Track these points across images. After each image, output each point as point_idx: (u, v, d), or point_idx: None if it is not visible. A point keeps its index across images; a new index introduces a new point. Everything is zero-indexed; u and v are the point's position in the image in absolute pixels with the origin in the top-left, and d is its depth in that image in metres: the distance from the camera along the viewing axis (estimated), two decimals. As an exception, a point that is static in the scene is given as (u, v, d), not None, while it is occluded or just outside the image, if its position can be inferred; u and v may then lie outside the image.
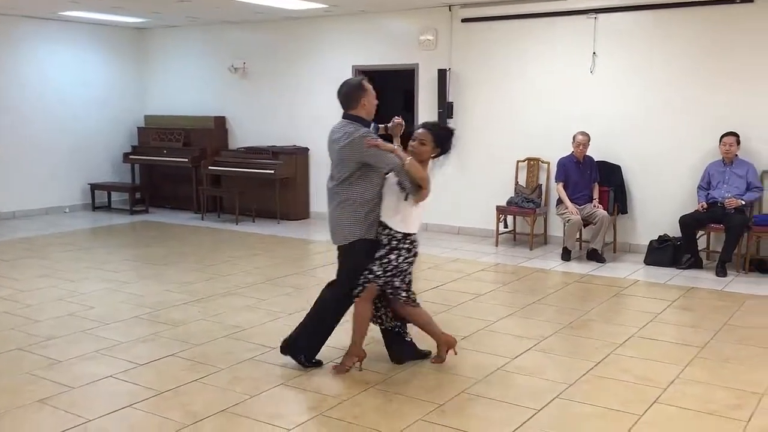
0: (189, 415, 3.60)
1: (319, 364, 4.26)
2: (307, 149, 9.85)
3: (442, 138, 4.12)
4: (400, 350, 4.34)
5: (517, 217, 8.29)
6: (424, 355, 4.38)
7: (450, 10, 8.56)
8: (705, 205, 6.91)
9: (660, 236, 7.28)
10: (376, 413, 3.64)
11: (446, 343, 4.31)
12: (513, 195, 8.18)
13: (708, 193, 6.97)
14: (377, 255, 4.05)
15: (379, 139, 4.04)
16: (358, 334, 4.16)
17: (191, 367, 4.27)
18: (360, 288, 4.07)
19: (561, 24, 7.93)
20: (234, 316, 5.33)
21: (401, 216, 4.05)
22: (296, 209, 9.81)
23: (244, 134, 10.52)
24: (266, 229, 9.15)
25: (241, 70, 10.36)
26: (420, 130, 4.12)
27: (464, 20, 8.51)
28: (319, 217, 9.73)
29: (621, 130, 7.69)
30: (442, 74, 8.63)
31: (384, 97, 11.84)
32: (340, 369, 4.17)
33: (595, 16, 7.69)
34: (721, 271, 6.65)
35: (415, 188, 3.96)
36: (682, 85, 7.32)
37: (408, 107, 9.32)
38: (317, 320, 4.24)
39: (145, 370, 4.24)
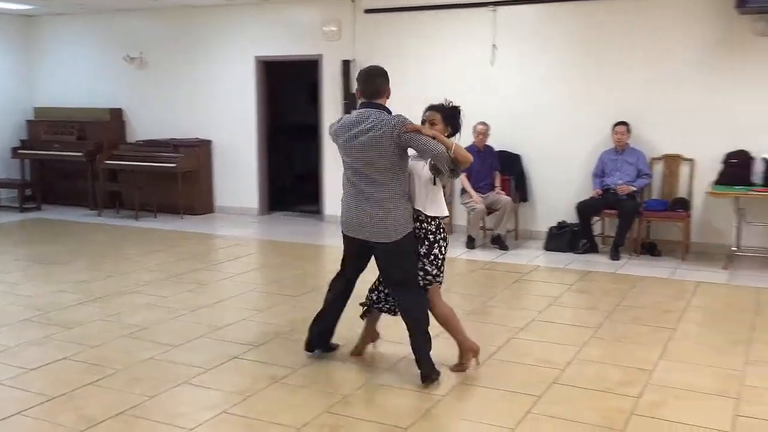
0: (83, 420, 3.44)
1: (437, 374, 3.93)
2: (209, 141, 9.60)
3: (449, 116, 3.95)
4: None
5: (422, 207, 8.37)
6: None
7: (353, 0, 8.54)
8: (599, 192, 7.20)
9: (558, 223, 7.54)
10: (281, 408, 3.60)
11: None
12: (418, 185, 8.26)
13: (602, 180, 7.27)
14: (423, 253, 3.90)
15: (417, 123, 3.88)
16: (457, 331, 4.06)
17: (86, 369, 4.09)
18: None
19: (462, 16, 8.05)
20: (133, 315, 5.14)
21: (435, 201, 3.91)
22: (200, 203, 9.55)
23: (142, 127, 10.14)
24: (169, 224, 8.88)
25: (138, 60, 9.99)
26: (427, 112, 3.99)
27: (367, 11, 8.51)
28: (224, 211, 9.53)
29: (520, 120, 7.89)
30: (346, 65, 8.61)
31: (289, 88, 11.80)
32: (461, 368, 4.04)
33: (494, 9, 7.85)
34: (615, 255, 6.96)
35: (449, 171, 3.80)
36: (576, 77, 7.58)
37: (313, 99, 9.26)
38: (423, 332, 3.95)
39: (36, 374, 4.03)
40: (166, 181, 9.38)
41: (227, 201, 9.64)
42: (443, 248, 3.97)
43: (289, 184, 10.99)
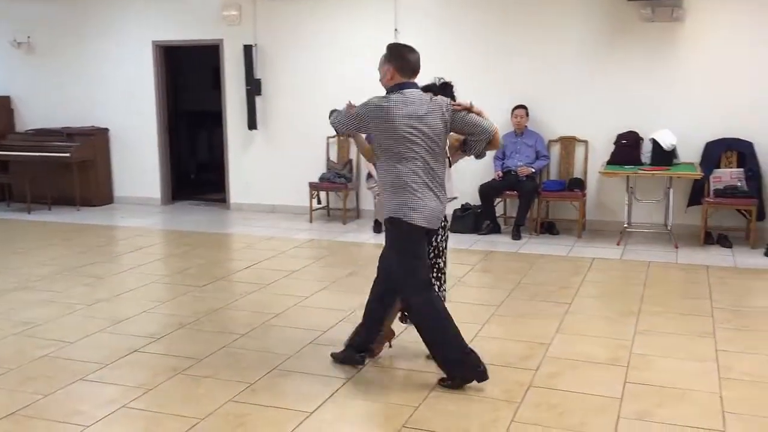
0: (-30, 424, 3.26)
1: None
2: (106, 130, 9.22)
3: (443, 95, 3.78)
4: None
5: (330, 192, 8.38)
6: None
7: (253, -16, 8.40)
8: (501, 174, 7.40)
9: (462, 205, 7.70)
10: (183, 400, 3.53)
11: (387, 336, 4.04)
12: (325, 171, 8.25)
13: (503, 163, 7.47)
14: (442, 247, 3.85)
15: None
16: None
17: (-27, 371, 3.87)
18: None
19: (364, 1, 8.06)
20: (24, 311, 4.90)
21: (451, 182, 3.85)
22: (98, 194, 9.17)
23: (33, 115, 9.62)
24: (64, 216, 8.49)
25: (26, 45, 9.46)
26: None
27: (268, -5, 8.39)
28: (124, 201, 9.20)
29: (424, 104, 7.98)
30: (248, 50, 8.45)
31: (190, 74, 11.46)
32: (372, 353, 3.97)
33: (396, -7, 7.91)
34: (516, 235, 7.17)
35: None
36: (477, 61, 7.72)
37: (216, 85, 9.05)
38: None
39: None
40: (61, 172, 8.95)
41: (127, 191, 9.31)
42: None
43: (193, 173, 10.75)
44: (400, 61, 3.65)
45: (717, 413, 3.32)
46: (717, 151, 6.93)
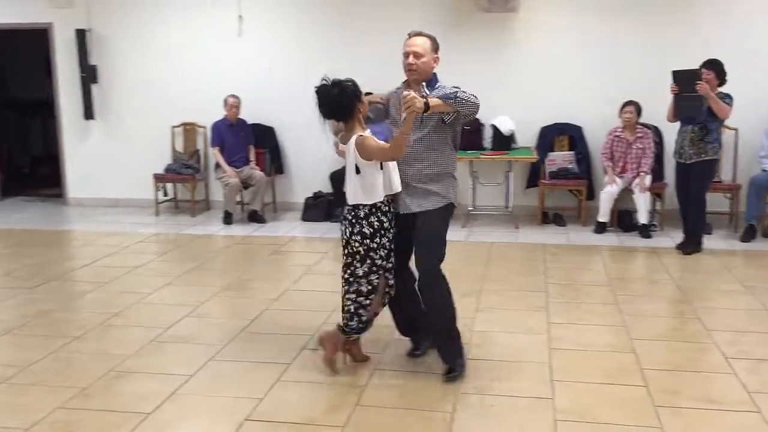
0: None
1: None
2: None
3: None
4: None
5: (177, 184, 8.07)
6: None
7: (84, -36, 7.89)
8: (351, 162, 7.44)
9: (315, 193, 7.69)
10: (6, 410, 3.26)
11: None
12: (171, 162, 7.93)
13: (353, 150, 7.52)
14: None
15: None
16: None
17: None
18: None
19: (205, -15, 7.83)
20: None
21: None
22: None
23: None
24: None
25: None
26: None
27: (102, -24, 7.92)
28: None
29: (272, 92, 7.87)
30: (80, 35, 7.94)
31: (16, 61, 10.65)
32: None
33: (238, -22, 7.72)
34: (367, 221, 7.25)
35: None
36: (325, 47, 7.69)
37: (47, 72, 8.43)
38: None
39: None
40: None
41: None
42: None
43: (26, 167, 10.01)
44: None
45: (547, 382, 3.52)
46: (550, 136, 7.36)
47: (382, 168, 3.45)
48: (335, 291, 4.98)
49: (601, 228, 6.79)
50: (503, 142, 7.21)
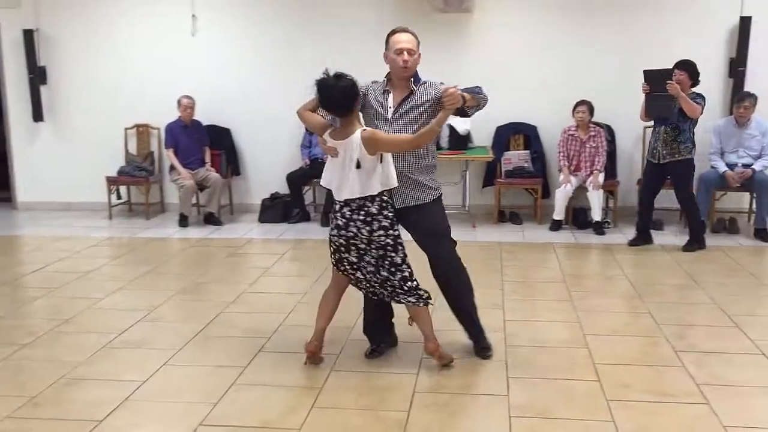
0: None
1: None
2: None
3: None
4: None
5: (131, 186, 7.94)
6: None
7: (31, -38, 7.71)
8: (308, 162, 7.42)
9: (272, 194, 7.64)
10: (-50, 422, 3.17)
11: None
12: (124, 164, 7.80)
13: (310, 151, 7.49)
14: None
15: None
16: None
17: None
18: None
19: (157, -16, 7.71)
20: None
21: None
22: None
23: None
24: None
25: None
26: None
27: (50, -25, 7.74)
28: None
29: (228, 92, 7.79)
30: (28, 35, 7.75)
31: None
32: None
33: (190, -22, 7.62)
34: (325, 222, 7.23)
35: None
36: (280, 47, 7.65)
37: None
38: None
39: None
40: None
41: None
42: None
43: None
44: None
45: (502, 378, 3.56)
46: (506, 135, 7.44)
47: (381, 161, 3.44)
48: (292, 292, 5.02)
49: (556, 226, 6.90)
50: (459, 141, 7.26)
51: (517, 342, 4.05)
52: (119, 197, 7.89)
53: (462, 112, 3.61)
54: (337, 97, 3.39)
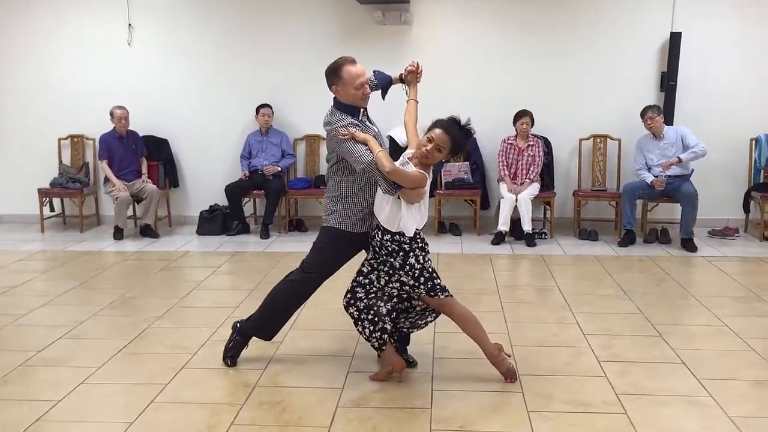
0: None
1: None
2: None
3: (458, 146, 3.58)
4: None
5: (64, 198, 7.74)
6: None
7: (-40, -32, 7.48)
8: (247, 174, 7.34)
9: (210, 206, 7.53)
10: None
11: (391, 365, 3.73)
12: (57, 176, 7.60)
13: (249, 162, 7.42)
14: (398, 265, 3.55)
15: (354, 129, 3.53)
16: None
17: None
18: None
19: (93, -8, 7.57)
20: None
21: (393, 215, 3.49)
22: None
23: None
24: None
25: None
26: (438, 132, 3.49)
27: (-21, -19, 7.52)
28: None
29: (166, 103, 7.68)
30: (-44, 42, 7.52)
31: None
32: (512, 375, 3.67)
33: (127, -13, 7.50)
34: (264, 234, 7.17)
35: (392, 185, 3.44)
36: (222, 58, 7.59)
37: None
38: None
39: None
40: None
41: None
42: (420, 258, 3.58)
43: None
44: None
45: (427, 391, 3.55)
46: (446, 147, 7.46)
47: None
48: (222, 306, 4.94)
49: (499, 238, 6.85)
50: (400, 152, 7.22)
51: (445, 354, 4.05)
52: (52, 209, 7.69)
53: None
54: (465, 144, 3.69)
